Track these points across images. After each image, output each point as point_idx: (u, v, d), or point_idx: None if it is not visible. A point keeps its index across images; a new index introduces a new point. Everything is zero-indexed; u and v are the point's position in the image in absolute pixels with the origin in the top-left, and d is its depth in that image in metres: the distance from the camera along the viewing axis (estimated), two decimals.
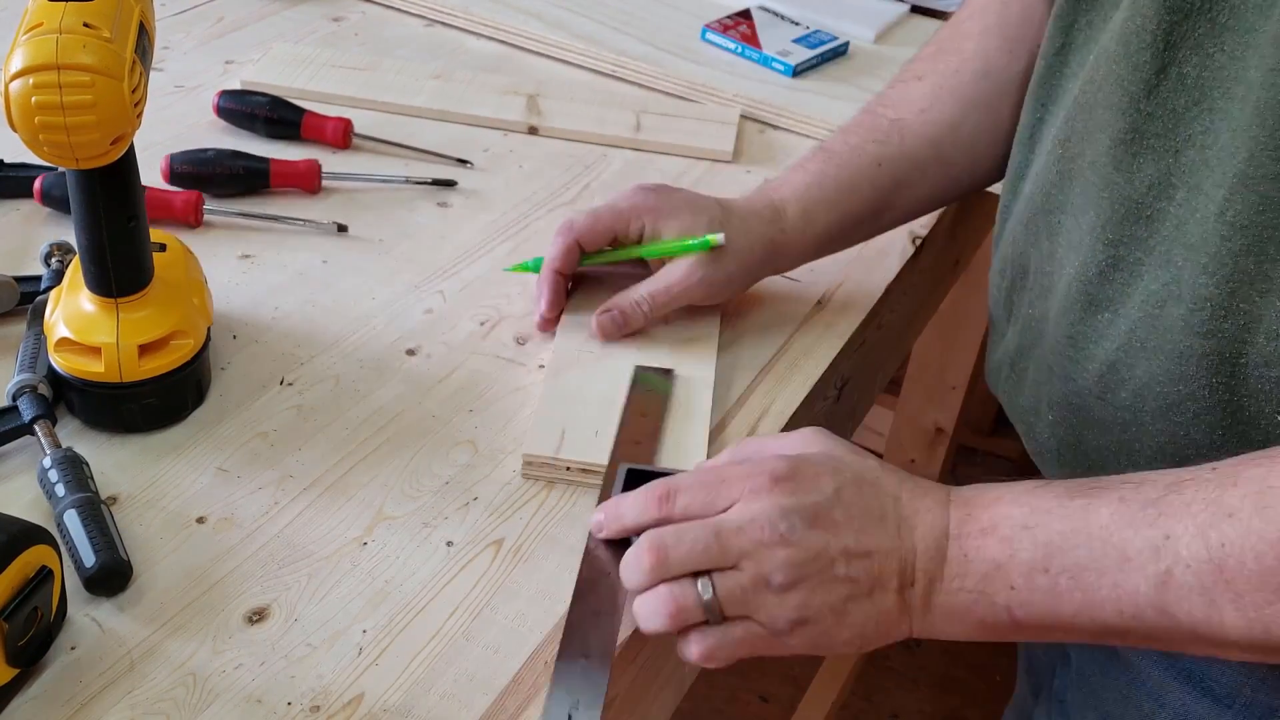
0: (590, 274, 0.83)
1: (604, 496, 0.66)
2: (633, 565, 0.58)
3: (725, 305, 0.84)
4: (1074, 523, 0.54)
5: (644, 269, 0.81)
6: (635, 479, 0.64)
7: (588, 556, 0.63)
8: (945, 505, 0.58)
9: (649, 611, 0.58)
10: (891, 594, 0.57)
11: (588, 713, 0.57)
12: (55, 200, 0.86)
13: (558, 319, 0.80)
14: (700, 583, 0.57)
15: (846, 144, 0.83)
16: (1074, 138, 0.67)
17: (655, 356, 0.78)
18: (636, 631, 0.61)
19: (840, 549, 0.57)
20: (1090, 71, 0.66)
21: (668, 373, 0.77)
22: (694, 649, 0.58)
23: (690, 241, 0.77)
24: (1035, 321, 0.71)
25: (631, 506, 0.60)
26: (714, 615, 0.57)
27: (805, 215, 0.81)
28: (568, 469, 0.69)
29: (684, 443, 0.72)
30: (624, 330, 0.79)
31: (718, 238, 0.77)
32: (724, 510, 0.58)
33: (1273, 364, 0.57)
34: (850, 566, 0.57)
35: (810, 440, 0.62)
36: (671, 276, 0.78)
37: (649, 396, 0.75)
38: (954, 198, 0.87)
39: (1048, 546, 0.55)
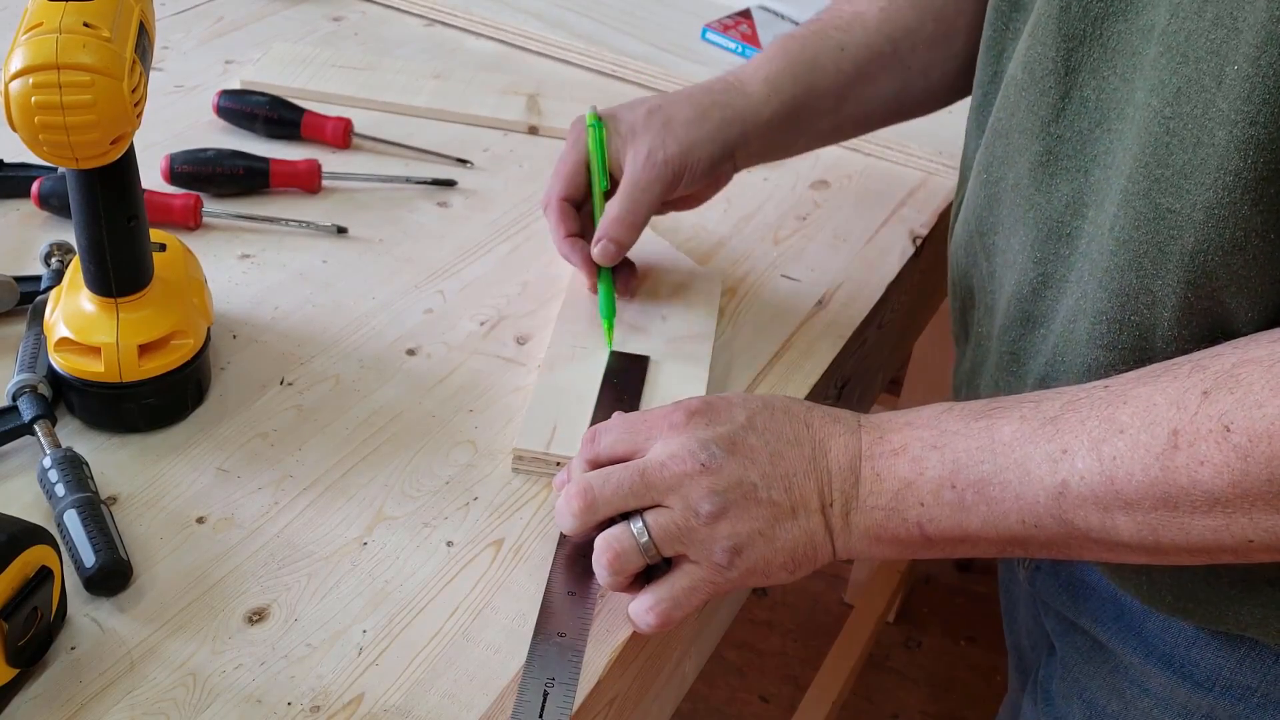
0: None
1: None
2: (563, 510, 0.61)
3: (723, 304, 0.84)
4: (979, 440, 0.57)
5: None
6: None
7: (564, 537, 0.65)
8: (856, 430, 0.60)
9: (597, 567, 0.60)
10: (815, 514, 0.59)
11: (563, 689, 0.58)
12: (53, 206, 0.86)
13: (578, 240, 0.80)
14: (634, 525, 0.59)
15: (808, 29, 0.84)
16: (994, 163, 0.69)
17: (651, 351, 0.78)
18: (636, 632, 0.61)
19: (760, 474, 0.59)
20: (1002, 98, 0.68)
21: (641, 359, 0.77)
22: (650, 617, 0.59)
23: (593, 141, 0.78)
24: (983, 339, 0.73)
25: (575, 461, 0.64)
26: (651, 555, 0.59)
27: (768, 82, 0.80)
28: (558, 464, 0.69)
29: None
30: (621, 248, 0.79)
31: (590, 110, 0.78)
32: (646, 448, 0.60)
33: None
34: (772, 490, 0.59)
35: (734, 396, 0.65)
36: (632, 178, 0.78)
37: (622, 383, 0.75)
38: (910, 107, 0.86)
39: (955, 464, 0.57)
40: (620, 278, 0.82)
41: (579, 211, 0.81)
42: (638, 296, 0.83)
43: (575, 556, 0.64)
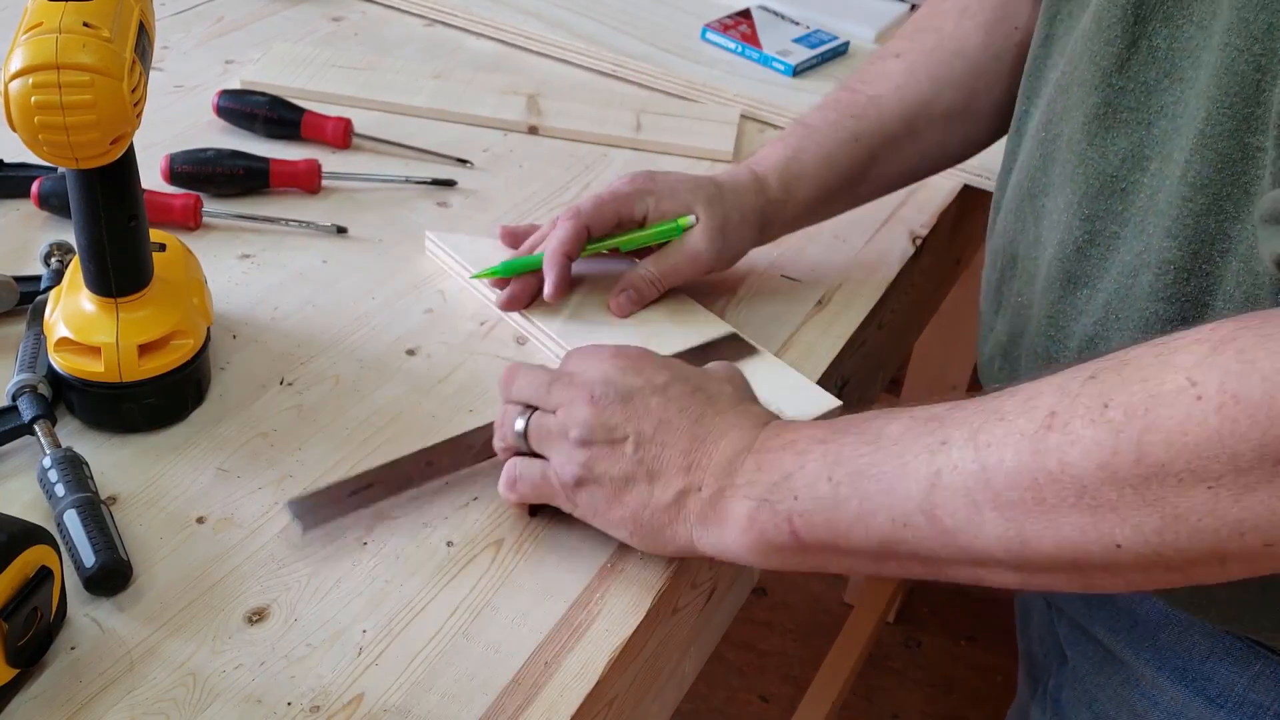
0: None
1: None
2: (500, 384, 0.67)
3: (723, 304, 0.84)
4: (866, 435, 0.56)
5: (621, 257, 0.83)
6: None
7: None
8: (760, 427, 0.61)
9: (495, 437, 0.67)
10: (671, 491, 0.60)
11: (381, 489, 0.66)
12: (53, 206, 0.86)
13: (557, 299, 0.80)
14: (522, 415, 0.64)
15: (825, 120, 0.85)
16: (1054, 119, 0.68)
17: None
18: (636, 632, 0.61)
19: (635, 431, 0.61)
20: (1070, 53, 0.67)
21: (751, 348, 0.79)
22: (505, 472, 0.65)
23: (664, 227, 0.80)
24: (1023, 308, 0.72)
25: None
26: (523, 444, 0.64)
27: (785, 188, 0.83)
28: None
29: None
30: (639, 305, 0.81)
31: (689, 219, 0.80)
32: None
33: None
34: (639, 450, 0.61)
35: (716, 365, 0.67)
36: (679, 255, 0.80)
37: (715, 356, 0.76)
38: (926, 172, 0.89)
39: (837, 457, 0.56)
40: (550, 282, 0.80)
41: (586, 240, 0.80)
42: (634, 328, 0.81)
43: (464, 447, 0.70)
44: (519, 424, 0.64)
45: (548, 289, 0.79)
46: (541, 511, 0.67)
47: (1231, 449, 0.46)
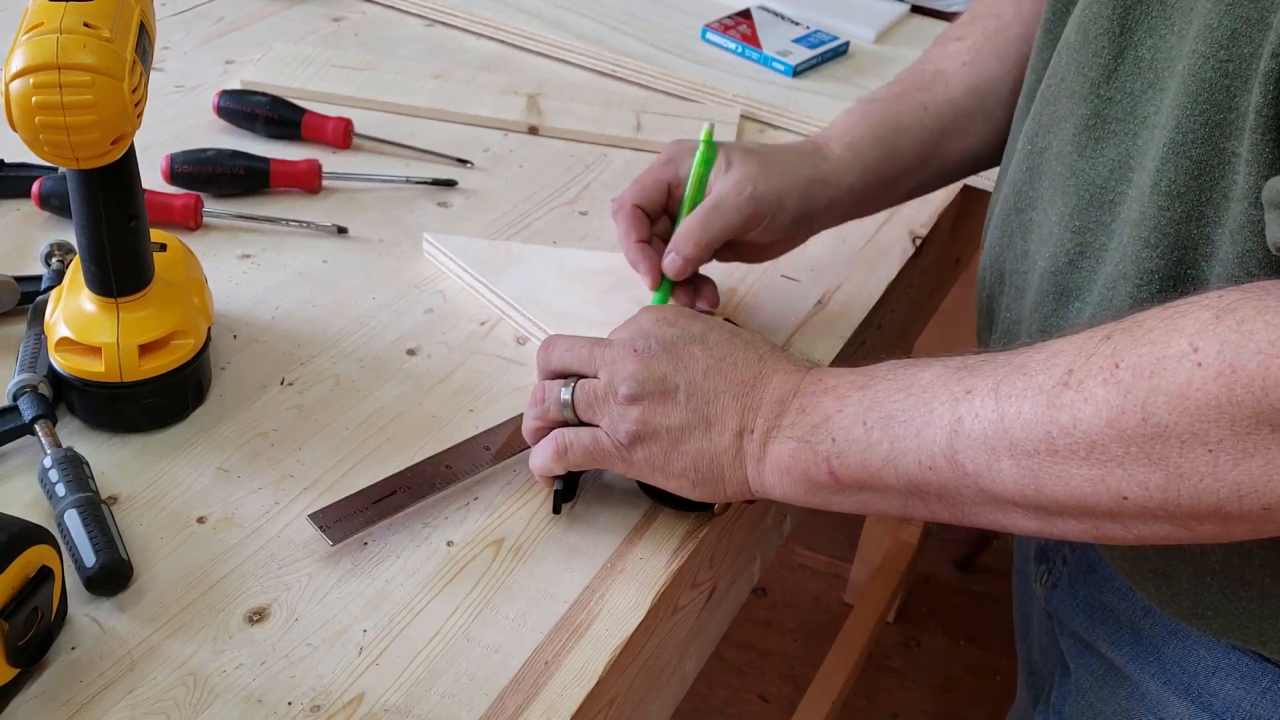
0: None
1: None
2: (537, 359, 0.67)
3: (724, 304, 0.84)
4: (899, 382, 0.58)
5: None
6: None
7: (520, 417, 0.70)
8: (803, 371, 0.62)
9: (525, 413, 0.66)
10: (729, 434, 0.61)
11: (404, 496, 0.66)
12: (54, 206, 0.86)
13: (646, 245, 0.77)
14: (565, 386, 0.64)
15: (890, 91, 0.83)
16: (1041, 132, 0.68)
17: None
18: (636, 632, 0.61)
19: (686, 379, 0.62)
20: (1054, 65, 0.67)
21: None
22: (549, 446, 0.64)
23: (700, 157, 0.76)
24: (1014, 324, 0.72)
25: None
26: (569, 413, 0.64)
27: (851, 148, 0.80)
28: None
29: None
30: (689, 267, 0.76)
31: (707, 125, 0.77)
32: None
33: None
34: (693, 397, 0.62)
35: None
36: (715, 198, 0.76)
37: None
38: (997, 157, 0.83)
39: (871, 401, 0.58)
40: (702, 294, 0.78)
41: (651, 222, 0.78)
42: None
43: (513, 428, 0.70)
44: (564, 393, 0.64)
45: (648, 280, 0.77)
46: (568, 502, 0.67)
47: (1230, 415, 0.47)
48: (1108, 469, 0.51)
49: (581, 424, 0.64)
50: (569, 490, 0.67)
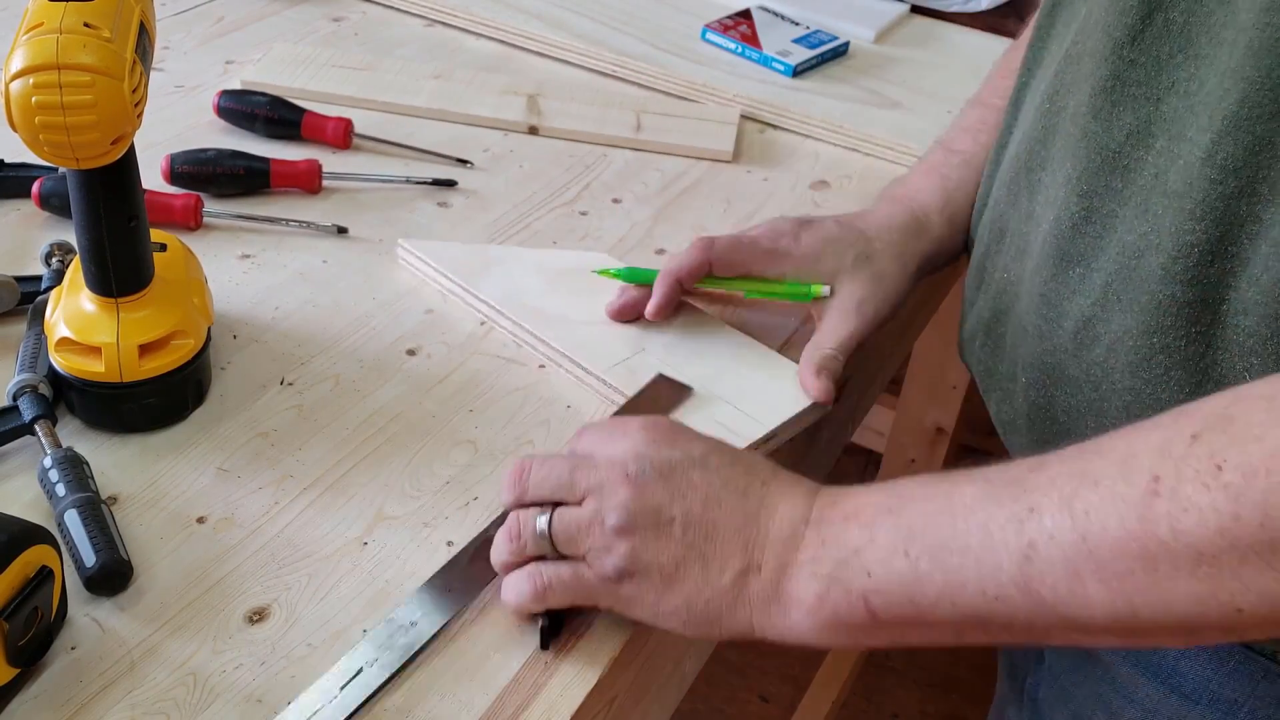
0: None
1: None
2: (503, 484, 0.60)
3: (723, 305, 0.84)
4: (938, 503, 0.52)
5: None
6: None
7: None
8: (812, 496, 0.57)
9: (498, 539, 0.59)
10: (729, 574, 0.55)
11: (427, 625, 0.59)
12: (54, 206, 0.86)
13: (657, 318, 0.78)
14: (541, 516, 0.58)
15: (976, 143, 0.82)
16: (1060, 91, 0.66)
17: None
18: (636, 632, 0.61)
19: (683, 510, 0.56)
20: (1082, 23, 0.65)
21: (683, 388, 0.75)
22: (526, 584, 0.58)
23: (795, 288, 0.78)
24: (1009, 284, 0.70)
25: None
26: (547, 547, 0.58)
27: (951, 224, 0.80)
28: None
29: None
30: (837, 380, 0.76)
31: (822, 290, 0.77)
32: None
33: (1251, 311, 0.55)
34: (689, 533, 0.56)
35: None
36: (850, 323, 0.77)
37: (654, 404, 0.74)
38: None
39: (910, 528, 0.52)
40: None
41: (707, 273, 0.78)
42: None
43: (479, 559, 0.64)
44: (540, 523, 0.58)
45: (650, 306, 0.77)
46: (555, 640, 0.60)
47: None
48: (1219, 582, 0.46)
49: (560, 556, 0.58)
50: (555, 625, 0.60)
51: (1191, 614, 0.47)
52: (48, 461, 0.64)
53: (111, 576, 0.60)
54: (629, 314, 0.79)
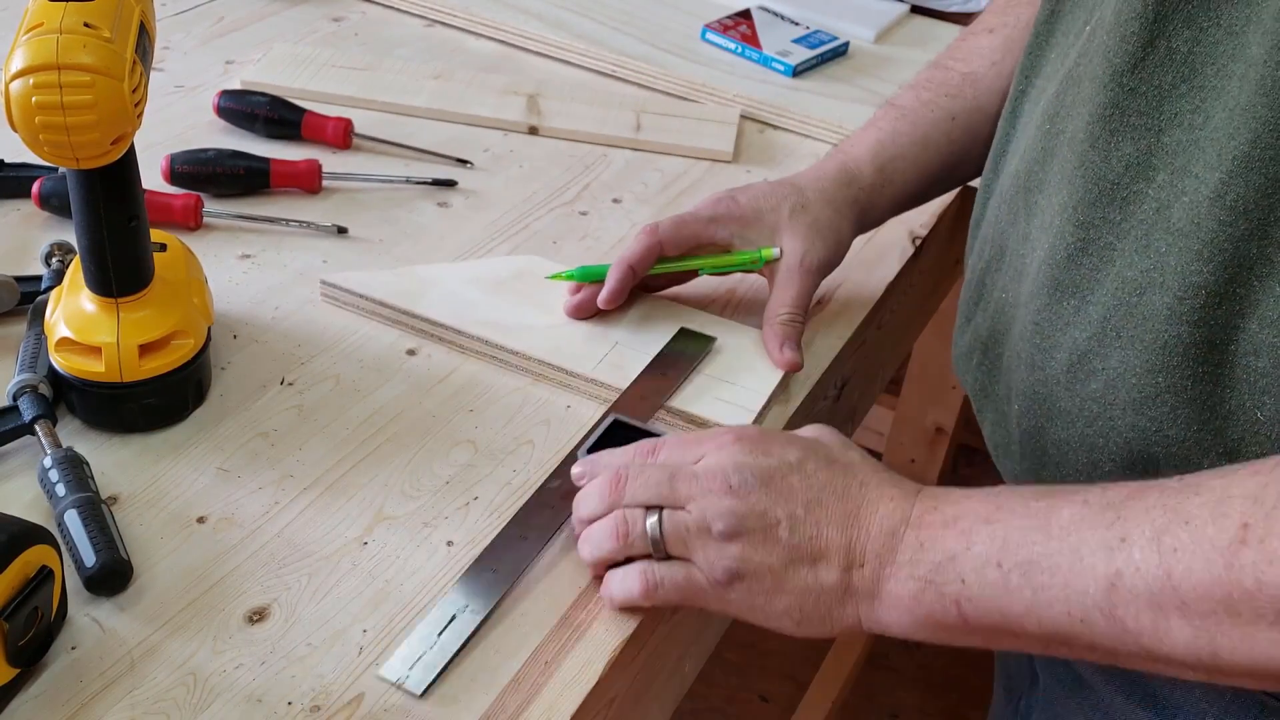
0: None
1: (586, 440, 0.69)
2: (592, 493, 0.62)
3: (723, 304, 0.84)
4: (1035, 520, 0.53)
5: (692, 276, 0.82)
6: (619, 431, 0.68)
7: (539, 491, 0.67)
8: (912, 497, 0.58)
9: (600, 534, 0.61)
10: (835, 571, 0.57)
11: (472, 616, 0.60)
12: (54, 206, 0.86)
13: (609, 308, 0.79)
14: (651, 515, 0.60)
15: (918, 99, 0.81)
16: (1060, 112, 0.65)
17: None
18: (636, 632, 0.61)
19: (787, 514, 0.58)
20: (1085, 43, 0.64)
21: (709, 339, 0.78)
22: (636, 582, 0.60)
23: (747, 256, 0.79)
24: (1008, 306, 0.69)
25: (617, 455, 0.63)
26: (658, 548, 0.60)
27: (882, 172, 0.80)
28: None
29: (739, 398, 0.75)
30: (799, 342, 0.78)
31: (772, 252, 0.78)
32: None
33: (1261, 353, 0.54)
34: (794, 534, 0.57)
35: (812, 430, 0.63)
36: (792, 279, 0.78)
37: (679, 357, 0.77)
38: None
39: (1005, 541, 0.53)
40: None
41: (658, 258, 0.79)
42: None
43: (538, 507, 0.66)
44: (650, 523, 0.59)
45: (602, 295, 0.78)
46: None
47: None
48: None
49: (665, 557, 0.60)
50: None
51: (1272, 660, 0.47)
52: (48, 461, 0.64)
53: (111, 576, 0.60)
54: (587, 311, 0.80)
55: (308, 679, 0.58)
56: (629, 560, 0.61)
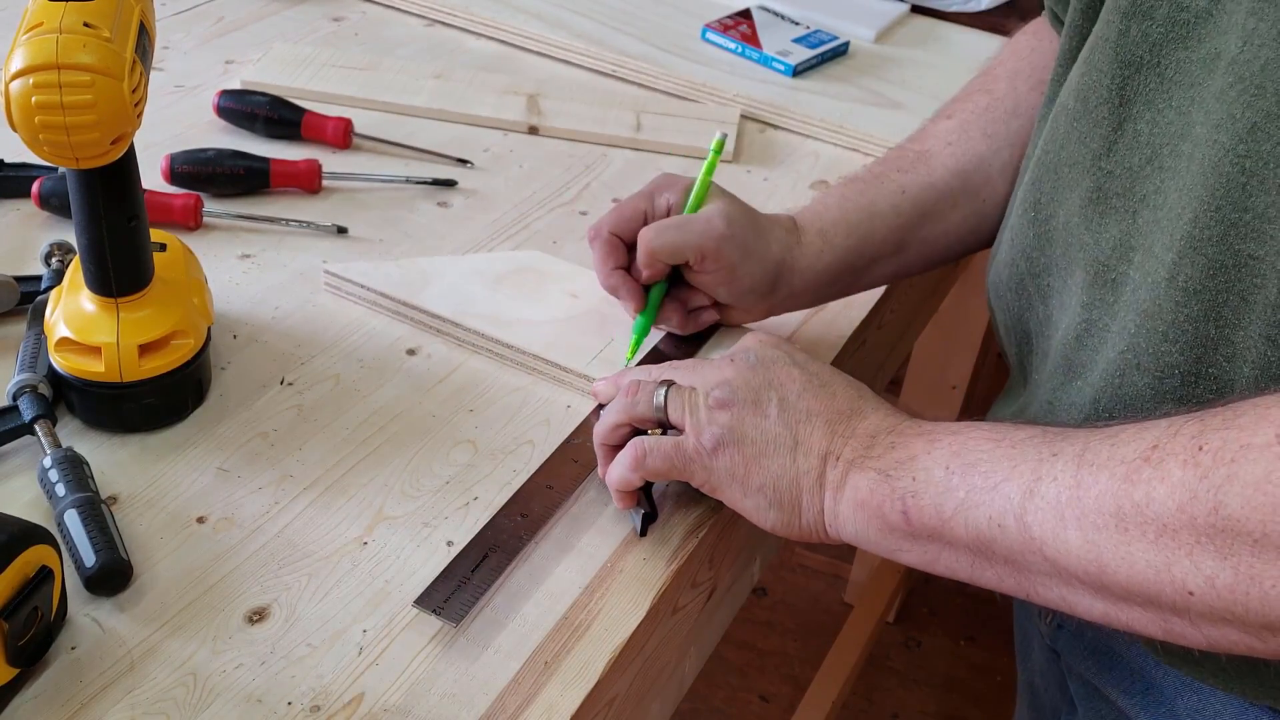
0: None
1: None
2: (623, 385, 0.66)
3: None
4: (994, 434, 0.56)
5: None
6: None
7: (566, 446, 0.71)
8: (902, 417, 0.61)
9: (614, 407, 0.65)
10: (814, 458, 0.60)
11: (502, 555, 0.63)
12: (54, 206, 0.86)
13: (624, 273, 0.75)
14: (658, 384, 0.64)
15: (870, 173, 0.80)
16: (1043, 199, 0.66)
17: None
18: (636, 632, 0.61)
19: (779, 397, 0.61)
20: (1051, 130, 0.65)
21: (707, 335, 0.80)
22: (628, 453, 0.63)
23: (707, 166, 0.76)
24: (1035, 386, 0.69)
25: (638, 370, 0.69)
26: (659, 412, 0.63)
27: (822, 235, 0.77)
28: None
29: None
30: (656, 273, 0.75)
31: (719, 135, 0.77)
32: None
33: None
34: (784, 414, 0.61)
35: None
36: (686, 217, 0.74)
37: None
38: (984, 238, 0.81)
39: (960, 447, 0.56)
40: (679, 315, 0.78)
41: (626, 249, 0.76)
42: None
43: (563, 461, 0.70)
44: (659, 395, 0.63)
45: (630, 306, 0.75)
46: (652, 525, 0.66)
47: None
48: (1174, 556, 0.47)
49: (664, 432, 0.64)
50: (653, 509, 0.66)
51: (1149, 583, 0.48)
52: (48, 461, 0.64)
53: (111, 576, 0.60)
54: (683, 328, 0.78)
55: (308, 679, 0.58)
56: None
